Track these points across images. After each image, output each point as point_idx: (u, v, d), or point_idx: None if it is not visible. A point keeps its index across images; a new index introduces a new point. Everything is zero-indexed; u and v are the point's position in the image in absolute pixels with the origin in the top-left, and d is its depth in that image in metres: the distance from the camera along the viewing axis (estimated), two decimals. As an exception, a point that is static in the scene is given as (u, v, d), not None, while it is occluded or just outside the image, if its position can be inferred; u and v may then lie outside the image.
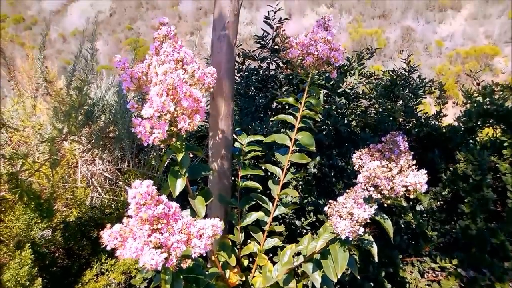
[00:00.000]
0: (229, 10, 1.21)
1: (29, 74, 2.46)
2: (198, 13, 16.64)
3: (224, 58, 1.27)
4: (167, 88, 0.93)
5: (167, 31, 1.05)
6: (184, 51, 1.05)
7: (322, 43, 1.23)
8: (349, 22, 13.93)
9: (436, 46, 12.85)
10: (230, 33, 1.24)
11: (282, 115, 1.38)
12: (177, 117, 0.96)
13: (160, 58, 1.03)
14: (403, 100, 2.41)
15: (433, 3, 14.54)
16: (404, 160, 1.07)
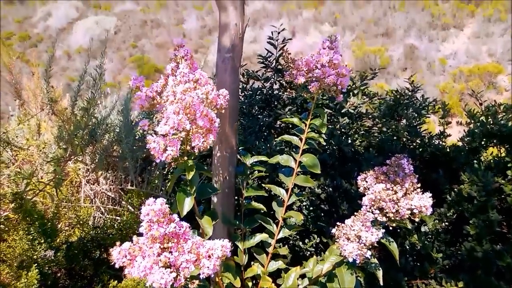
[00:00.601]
0: (234, 33, 1.23)
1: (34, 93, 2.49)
2: (202, 31, 16.87)
3: (228, 79, 1.28)
4: (184, 107, 0.94)
5: (184, 53, 1.07)
6: (200, 73, 1.07)
7: (329, 67, 1.24)
8: (352, 40, 14.06)
9: (439, 64, 12.92)
10: (235, 55, 1.25)
11: (286, 135, 1.39)
12: (191, 136, 0.97)
13: (176, 78, 1.04)
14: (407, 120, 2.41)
15: (436, 22, 14.68)
16: (409, 183, 1.07)
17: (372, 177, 1.12)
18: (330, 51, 1.26)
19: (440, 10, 15.08)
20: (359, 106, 2.24)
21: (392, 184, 1.08)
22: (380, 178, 1.10)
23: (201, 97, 0.98)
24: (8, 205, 1.44)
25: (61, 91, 2.59)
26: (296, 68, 1.29)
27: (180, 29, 17.27)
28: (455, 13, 14.98)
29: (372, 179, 1.11)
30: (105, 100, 2.63)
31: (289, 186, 1.35)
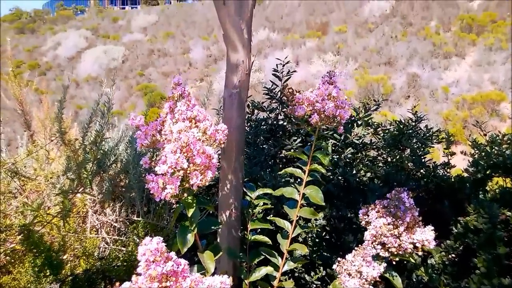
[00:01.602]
0: (241, 70, 1.27)
1: (44, 123, 2.54)
2: (208, 60, 17.18)
3: (235, 114, 1.31)
4: (181, 146, 0.97)
5: (181, 91, 1.10)
6: (197, 109, 1.10)
7: (328, 100, 1.27)
8: (355, 69, 14.25)
9: (442, 92, 13.02)
10: (242, 91, 1.29)
11: (290, 168, 1.40)
12: (189, 173, 0.99)
13: (175, 116, 1.07)
14: (411, 150, 2.43)
15: (438, 51, 14.89)
16: (410, 217, 1.07)
17: (374, 211, 1.12)
18: (329, 86, 1.30)
19: (441, 39, 15.33)
20: (363, 137, 2.26)
21: (393, 218, 1.08)
22: (381, 212, 1.11)
23: (198, 136, 1.00)
24: (15, 237, 1.45)
25: (70, 121, 2.63)
26: (297, 102, 1.32)
27: (186, 58, 17.62)
28: (457, 42, 15.21)
29: (373, 214, 1.12)
30: (112, 130, 2.67)
31: (294, 218, 1.35)
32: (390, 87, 13.08)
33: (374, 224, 1.06)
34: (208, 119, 1.10)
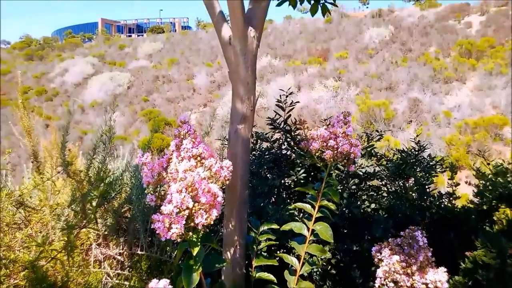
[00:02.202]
0: (246, 106, 1.29)
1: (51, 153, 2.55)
2: (211, 86, 17.39)
3: (240, 149, 1.33)
4: (187, 185, 0.98)
5: (187, 129, 1.12)
6: (203, 147, 1.11)
7: (342, 138, 1.29)
8: (357, 94, 14.37)
9: (444, 116, 13.06)
10: (246, 126, 1.31)
11: (300, 203, 1.41)
12: (195, 213, 1.00)
13: (181, 154, 1.08)
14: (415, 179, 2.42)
15: (438, 76, 15.02)
16: (423, 256, 1.07)
17: (387, 248, 1.12)
18: (343, 125, 1.32)
19: (441, 65, 15.50)
20: (367, 168, 2.26)
21: (407, 257, 1.08)
22: (394, 249, 1.10)
23: (203, 175, 1.01)
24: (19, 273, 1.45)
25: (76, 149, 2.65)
26: (311, 138, 1.33)
27: (190, 84, 17.84)
28: (457, 67, 15.36)
29: (386, 251, 1.11)
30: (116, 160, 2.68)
31: (302, 254, 1.35)
32: (392, 112, 13.14)
33: (387, 261, 1.06)
34: (213, 156, 1.12)
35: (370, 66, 15.89)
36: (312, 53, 18.18)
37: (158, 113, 15.41)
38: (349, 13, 22.76)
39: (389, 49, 17.15)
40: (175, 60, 21.06)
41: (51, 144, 2.58)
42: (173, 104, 16.65)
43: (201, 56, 21.07)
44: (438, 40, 17.04)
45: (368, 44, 18.06)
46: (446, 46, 16.55)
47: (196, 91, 17.30)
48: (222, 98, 15.47)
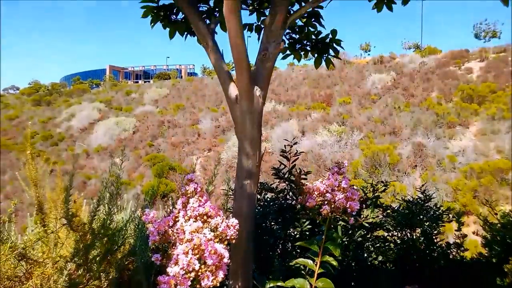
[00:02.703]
0: (251, 162, 1.31)
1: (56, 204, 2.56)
2: (216, 131, 17.59)
3: (245, 205, 1.33)
4: (193, 247, 0.98)
5: (194, 187, 1.13)
6: (209, 206, 1.12)
7: (339, 191, 1.29)
8: (360, 139, 14.45)
9: (449, 161, 13.02)
10: (252, 182, 1.32)
11: (302, 259, 1.39)
12: (201, 274, 0.99)
13: (187, 213, 1.09)
14: (422, 230, 2.39)
15: (441, 121, 15.14)
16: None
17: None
18: (338, 176, 1.32)
19: (444, 110, 15.67)
20: (372, 220, 2.25)
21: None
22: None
23: (209, 236, 1.02)
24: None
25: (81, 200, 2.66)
26: (308, 192, 1.34)
27: (195, 129, 18.07)
28: (459, 112, 15.51)
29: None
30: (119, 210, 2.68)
31: (306, 313, 1.32)
32: (397, 157, 13.14)
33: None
34: (219, 215, 1.12)
35: (373, 111, 16.10)
36: (315, 99, 18.51)
37: (162, 158, 15.50)
38: (351, 60, 23.39)
39: (391, 95, 17.43)
40: (181, 105, 21.47)
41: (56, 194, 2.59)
42: (177, 148, 16.78)
43: (206, 101, 21.50)
44: (439, 86, 17.34)
45: (370, 89, 18.40)
46: (448, 91, 16.82)
47: (201, 136, 17.49)
48: (227, 142, 15.60)
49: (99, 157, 17.99)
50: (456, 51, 20.08)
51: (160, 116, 20.48)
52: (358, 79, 19.79)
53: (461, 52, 19.84)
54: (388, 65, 20.70)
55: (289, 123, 15.76)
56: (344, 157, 13.71)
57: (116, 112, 23.00)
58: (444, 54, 20.71)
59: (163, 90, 25.03)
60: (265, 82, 1.50)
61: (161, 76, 33.39)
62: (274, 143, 14.73)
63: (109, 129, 19.62)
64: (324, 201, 1.31)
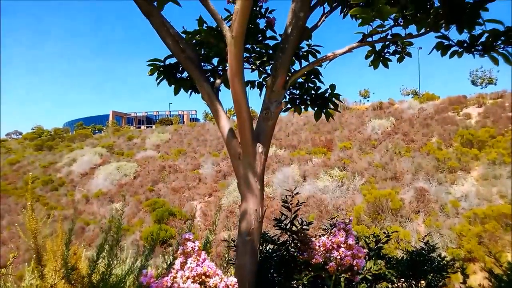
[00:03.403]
0: (253, 218, 1.32)
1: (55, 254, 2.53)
2: (217, 176, 17.57)
3: (248, 261, 1.33)
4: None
5: (191, 247, 1.14)
6: (207, 265, 1.12)
7: (344, 248, 1.29)
8: (362, 184, 14.39)
9: (452, 206, 12.89)
10: (254, 238, 1.33)
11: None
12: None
13: (185, 273, 1.09)
14: (427, 283, 2.35)
15: (442, 166, 15.15)
16: None
17: None
18: (344, 233, 1.33)
19: (445, 155, 15.71)
20: (375, 271, 2.21)
21: None
22: None
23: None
24: None
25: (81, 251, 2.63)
26: (313, 248, 1.34)
27: (196, 174, 18.06)
28: (460, 157, 15.55)
29: None
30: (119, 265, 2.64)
31: None
32: (399, 202, 13.02)
33: None
34: (218, 274, 1.12)
35: (374, 156, 16.15)
36: (316, 144, 18.64)
37: (162, 203, 15.38)
38: (351, 106, 23.79)
39: (391, 140, 17.57)
40: (182, 150, 21.59)
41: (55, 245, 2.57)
42: (178, 194, 16.69)
43: (208, 146, 21.64)
44: (439, 131, 17.51)
45: (371, 135, 18.57)
46: (448, 136, 16.97)
47: (201, 181, 17.45)
48: (228, 187, 15.54)
49: (98, 202, 17.85)
50: (453, 97, 20.46)
51: (161, 161, 20.54)
52: (358, 125, 20.02)
53: (459, 98, 20.20)
54: (387, 111, 21.02)
55: (290, 168, 15.77)
56: (346, 202, 13.61)
57: (117, 157, 23.11)
58: (442, 100, 21.09)
59: (165, 135, 25.28)
60: (267, 139, 1.56)
61: (164, 121, 33.85)
62: (276, 188, 14.65)
63: (110, 174, 19.61)
64: (330, 257, 1.30)
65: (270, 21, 2.76)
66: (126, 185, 18.74)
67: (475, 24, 2.45)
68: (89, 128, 36.30)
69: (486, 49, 2.51)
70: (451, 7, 2.46)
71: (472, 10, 2.44)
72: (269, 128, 1.62)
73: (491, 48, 2.49)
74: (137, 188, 18.16)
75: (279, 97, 1.74)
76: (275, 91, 1.70)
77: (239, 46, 1.48)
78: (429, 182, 14.09)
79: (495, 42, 2.49)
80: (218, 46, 2.19)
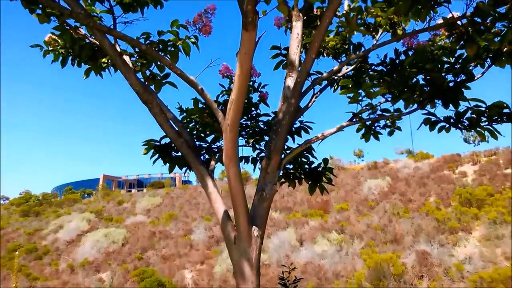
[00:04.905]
0: None
1: None
2: (209, 242, 16.83)
3: None
4: None
5: None
6: None
7: None
8: (362, 248, 13.79)
9: (456, 270, 12.28)
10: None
11: None
12: None
13: None
14: None
15: (442, 226, 14.70)
16: None
17: None
18: None
19: (444, 215, 15.31)
20: None
21: None
22: None
23: None
24: None
25: None
26: None
27: (187, 240, 17.29)
28: (459, 217, 15.16)
29: None
30: None
31: None
32: (401, 267, 12.38)
33: None
34: None
35: (372, 218, 15.70)
36: (312, 205, 18.17)
37: (152, 272, 14.50)
38: (346, 166, 23.66)
39: (389, 200, 17.21)
40: (174, 214, 20.94)
41: None
42: (168, 262, 15.83)
43: (200, 210, 21.05)
44: (436, 190, 17.26)
45: (367, 195, 18.22)
46: (445, 195, 16.68)
47: (193, 247, 16.66)
48: (221, 254, 14.79)
49: (84, 272, 16.83)
50: (448, 156, 20.49)
51: (151, 227, 19.79)
52: (354, 185, 19.74)
53: (453, 156, 20.22)
54: (382, 170, 20.87)
55: (286, 231, 15.17)
56: (346, 268, 12.92)
57: (106, 222, 22.30)
58: (436, 159, 21.09)
59: (156, 199, 24.70)
60: (263, 221, 1.60)
61: (155, 184, 33.31)
62: (271, 254, 13.97)
63: (97, 242, 18.74)
64: None
65: (263, 96, 2.80)
66: (113, 253, 17.84)
67: (459, 101, 2.58)
68: (78, 192, 35.56)
69: (472, 125, 2.76)
70: (434, 87, 2.57)
71: (455, 89, 2.68)
72: (265, 211, 1.67)
73: (477, 124, 2.73)
74: (125, 256, 17.26)
75: (273, 178, 1.89)
76: (270, 172, 1.88)
77: (235, 131, 1.53)
78: (430, 244, 13.55)
79: (479, 119, 2.71)
80: (213, 125, 2.35)
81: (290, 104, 2.11)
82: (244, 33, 1.68)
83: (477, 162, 19.22)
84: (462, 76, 2.68)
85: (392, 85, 2.79)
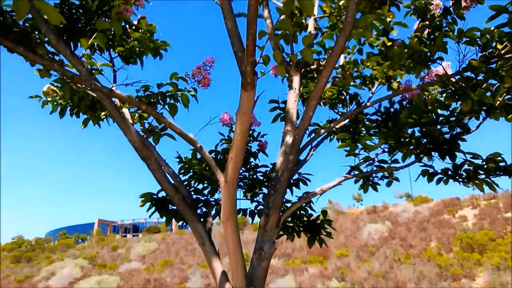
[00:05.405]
0: None
1: None
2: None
3: None
4: None
5: None
6: None
7: None
8: (363, 297, 13.34)
9: (463, 320, 11.81)
10: None
11: None
12: None
13: None
14: None
15: (445, 273, 14.32)
16: None
17: None
18: None
19: (446, 261, 14.96)
20: None
21: None
22: None
23: None
24: None
25: None
26: None
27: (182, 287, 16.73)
28: (462, 263, 14.80)
29: None
30: None
31: None
32: (406, 316, 11.93)
33: None
34: None
35: (373, 264, 15.31)
36: (311, 251, 17.76)
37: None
38: (344, 210, 23.40)
39: (389, 246, 16.88)
40: (169, 261, 20.39)
41: None
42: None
43: (197, 256, 20.52)
44: (437, 235, 16.99)
45: (367, 240, 17.89)
46: (446, 240, 16.40)
47: (189, 297, 16.08)
48: (218, 303, 14.22)
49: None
50: (447, 200, 20.35)
51: (146, 274, 19.19)
52: (353, 230, 19.43)
53: (453, 200, 20.08)
54: (382, 215, 20.63)
55: (285, 279, 14.73)
56: (348, 319, 12.42)
57: (99, 269, 21.64)
58: (436, 202, 20.93)
59: (151, 244, 24.14)
60: (261, 282, 1.57)
61: (151, 229, 32.65)
62: None
63: (89, 291, 18.09)
64: None
65: (262, 145, 2.81)
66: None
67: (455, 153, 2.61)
68: (72, 237, 34.76)
69: (470, 179, 2.81)
70: (431, 139, 2.62)
71: (451, 142, 2.72)
72: (263, 271, 1.63)
73: (474, 177, 2.78)
74: (118, 306, 16.60)
75: (272, 236, 1.82)
76: (268, 230, 1.84)
77: (233, 188, 1.52)
78: (434, 293, 13.13)
79: (476, 172, 2.76)
80: (211, 178, 2.35)
81: (289, 160, 2.10)
82: (243, 93, 1.70)
83: (477, 206, 19.06)
84: (458, 129, 2.71)
85: (389, 136, 2.82)
